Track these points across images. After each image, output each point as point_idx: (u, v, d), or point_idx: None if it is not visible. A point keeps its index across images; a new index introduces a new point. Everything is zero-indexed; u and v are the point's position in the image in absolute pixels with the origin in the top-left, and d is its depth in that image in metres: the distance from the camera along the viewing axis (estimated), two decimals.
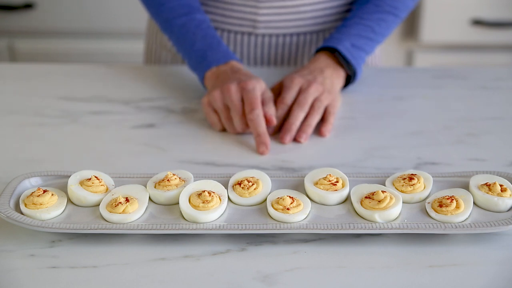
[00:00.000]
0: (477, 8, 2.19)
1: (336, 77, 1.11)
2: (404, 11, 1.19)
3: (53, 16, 2.24)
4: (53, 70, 1.33)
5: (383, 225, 0.75)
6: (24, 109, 1.12)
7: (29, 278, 0.70)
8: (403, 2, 1.18)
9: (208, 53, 1.11)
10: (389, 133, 1.05)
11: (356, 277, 0.70)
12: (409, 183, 0.81)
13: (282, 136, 1.01)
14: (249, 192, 0.80)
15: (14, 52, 2.28)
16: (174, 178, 0.81)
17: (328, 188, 0.81)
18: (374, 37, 1.16)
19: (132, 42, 2.21)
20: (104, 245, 0.75)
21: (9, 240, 0.75)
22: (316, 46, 1.28)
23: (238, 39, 1.26)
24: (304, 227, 0.75)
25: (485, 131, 1.05)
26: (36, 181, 0.84)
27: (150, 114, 1.11)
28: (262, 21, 1.23)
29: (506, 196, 0.78)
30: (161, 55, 1.36)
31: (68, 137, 1.03)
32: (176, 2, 1.16)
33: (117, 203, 0.76)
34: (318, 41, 1.28)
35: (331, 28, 1.27)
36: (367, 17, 1.16)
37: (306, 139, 1.01)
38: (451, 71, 1.33)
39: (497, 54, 2.28)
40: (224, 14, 1.24)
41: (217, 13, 1.24)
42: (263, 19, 1.23)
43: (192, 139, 1.03)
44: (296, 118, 1.02)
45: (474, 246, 0.75)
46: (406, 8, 1.20)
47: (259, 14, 1.22)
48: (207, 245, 0.75)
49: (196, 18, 1.15)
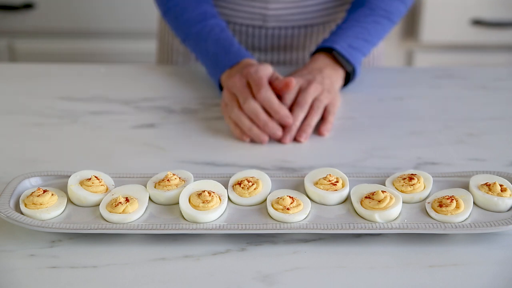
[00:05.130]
0: (477, 8, 2.19)
1: (335, 76, 1.11)
2: (397, 15, 1.22)
3: (53, 16, 2.24)
4: (53, 70, 1.33)
5: (383, 225, 0.75)
6: (24, 109, 1.12)
7: (29, 278, 0.70)
8: (396, 7, 1.21)
9: (220, 57, 1.12)
10: (389, 133, 1.05)
11: (356, 277, 0.70)
12: (409, 183, 0.81)
13: (282, 136, 1.01)
14: (249, 192, 0.80)
15: (14, 52, 2.28)
16: (174, 178, 0.81)
17: (328, 188, 0.81)
18: (370, 39, 1.17)
19: (133, 42, 2.21)
20: (104, 245, 0.75)
21: (9, 240, 0.75)
22: (322, 36, 1.31)
23: (250, 31, 1.29)
24: (304, 227, 0.75)
25: (485, 131, 1.05)
26: (36, 181, 0.84)
27: (150, 114, 1.11)
28: (272, 15, 1.26)
29: (506, 196, 0.78)
30: (174, 44, 1.38)
31: (68, 137, 1.03)
32: (191, 13, 1.18)
33: (117, 203, 0.76)
34: (324, 32, 1.31)
35: (336, 19, 1.30)
36: (362, 20, 1.18)
37: (306, 138, 1.01)
38: (451, 71, 1.33)
39: (497, 54, 2.27)
40: (235, 9, 1.27)
41: (229, 7, 1.28)
42: (273, 13, 1.26)
43: (192, 139, 1.03)
44: (296, 118, 1.02)
45: (474, 246, 0.75)
46: (399, 13, 1.22)
47: (269, 9, 1.26)
48: (207, 245, 0.75)
49: (209, 24, 1.16)
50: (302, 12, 1.27)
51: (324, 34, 1.31)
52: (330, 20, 1.30)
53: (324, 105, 1.06)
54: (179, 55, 1.37)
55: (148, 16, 2.00)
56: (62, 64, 1.40)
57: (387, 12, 1.19)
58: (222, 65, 1.11)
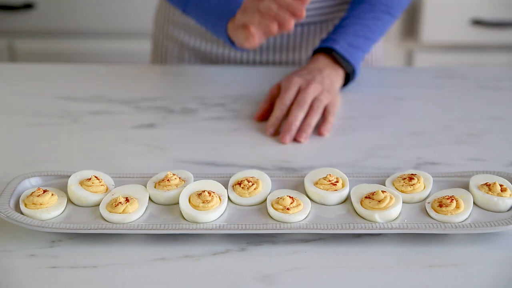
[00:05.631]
0: (477, 8, 2.19)
1: (335, 76, 1.11)
2: (398, 9, 1.20)
3: (53, 16, 2.24)
4: (53, 70, 1.33)
5: (383, 225, 0.75)
6: (24, 109, 1.12)
7: (29, 278, 0.70)
8: (397, 1, 1.19)
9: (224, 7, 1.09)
10: (389, 133, 1.05)
11: (356, 277, 0.70)
12: (409, 183, 0.81)
13: (282, 136, 1.01)
14: (249, 192, 0.80)
15: (14, 52, 2.28)
16: (174, 178, 0.81)
17: (328, 188, 0.81)
18: (371, 36, 1.17)
19: (133, 42, 2.21)
20: (104, 245, 0.75)
21: (9, 240, 0.75)
22: (320, 35, 1.30)
23: None
24: (304, 227, 0.75)
25: (485, 131, 1.05)
26: (36, 181, 0.84)
27: (150, 114, 1.11)
28: None
29: (506, 196, 0.78)
30: (168, 47, 1.37)
31: (68, 137, 1.03)
32: None
33: (117, 203, 0.76)
34: (322, 31, 1.29)
35: (335, 18, 1.29)
36: (363, 16, 1.17)
37: (306, 138, 1.01)
38: (451, 71, 1.33)
39: (497, 54, 2.27)
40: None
41: None
42: None
43: (192, 139, 1.03)
44: (295, 118, 1.02)
45: (474, 246, 0.75)
46: (400, 7, 1.21)
47: None
48: (207, 245, 0.75)
49: None
50: None
51: (321, 34, 1.30)
52: (327, 19, 1.29)
53: (324, 105, 1.06)
54: (174, 58, 1.36)
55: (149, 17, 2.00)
56: (62, 64, 1.40)
57: (387, 7, 1.18)
58: (227, 13, 1.09)
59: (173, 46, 1.35)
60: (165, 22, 1.36)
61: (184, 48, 1.34)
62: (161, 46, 1.39)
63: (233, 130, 1.06)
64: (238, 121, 1.08)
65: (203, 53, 1.32)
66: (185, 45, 1.34)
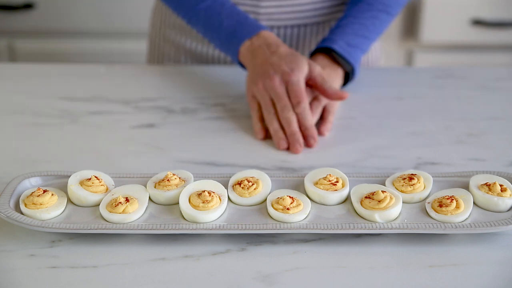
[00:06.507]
0: (477, 8, 2.19)
1: (335, 76, 1.11)
2: (396, 8, 1.20)
3: (53, 16, 2.24)
4: (53, 70, 1.33)
5: (383, 225, 0.75)
6: (24, 109, 1.12)
7: (29, 278, 0.70)
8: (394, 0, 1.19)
9: (238, 29, 1.11)
10: (389, 133, 1.05)
11: (356, 277, 0.70)
12: (409, 183, 0.81)
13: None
14: (249, 192, 0.80)
15: (14, 52, 2.28)
16: (174, 178, 0.81)
17: (328, 188, 0.81)
18: (369, 35, 1.17)
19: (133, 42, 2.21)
20: (104, 245, 0.75)
21: (9, 240, 0.75)
22: (316, 37, 1.29)
23: None
24: (304, 227, 0.75)
25: (485, 131, 1.05)
26: (36, 181, 0.84)
27: (150, 114, 1.11)
28: (264, 13, 1.25)
29: (506, 196, 0.78)
30: (165, 49, 1.36)
31: (68, 137, 1.03)
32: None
33: (117, 203, 0.76)
34: (318, 33, 1.29)
35: (331, 20, 1.29)
36: (361, 16, 1.17)
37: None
38: (451, 71, 1.33)
39: (497, 54, 2.28)
40: None
41: None
42: (264, 11, 1.25)
43: (192, 139, 1.03)
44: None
45: (474, 246, 0.75)
46: (398, 5, 1.21)
47: (260, 7, 1.24)
48: (207, 245, 0.75)
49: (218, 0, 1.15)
50: (295, 10, 1.25)
51: (317, 37, 1.29)
52: (324, 21, 1.29)
53: (323, 105, 1.06)
54: (170, 60, 1.36)
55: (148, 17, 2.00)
56: (62, 64, 1.40)
57: (385, 5, 1.18)
58: (240, 37, 1.10)
59: (170, 48, 1.35)
60: (161, 24, 1.36)
61: (181, 50, 1.33)
62: (157, 47, 1.39)
63: (233, 130, 1.06)
64: (238, 121, 1.08)
65: (200, 55, 1.32)
66: (181, 47, 1.33)
